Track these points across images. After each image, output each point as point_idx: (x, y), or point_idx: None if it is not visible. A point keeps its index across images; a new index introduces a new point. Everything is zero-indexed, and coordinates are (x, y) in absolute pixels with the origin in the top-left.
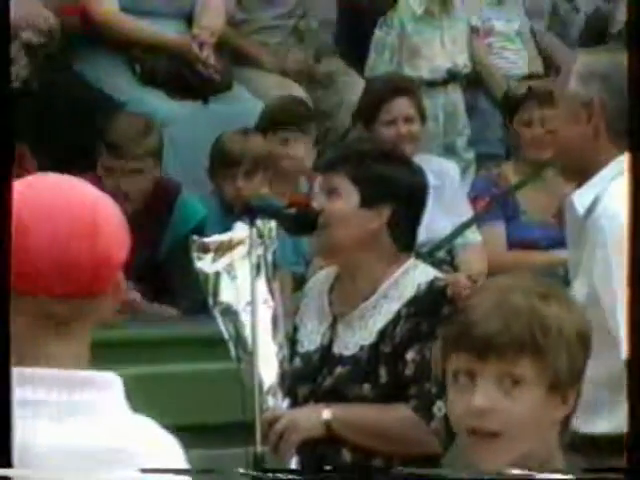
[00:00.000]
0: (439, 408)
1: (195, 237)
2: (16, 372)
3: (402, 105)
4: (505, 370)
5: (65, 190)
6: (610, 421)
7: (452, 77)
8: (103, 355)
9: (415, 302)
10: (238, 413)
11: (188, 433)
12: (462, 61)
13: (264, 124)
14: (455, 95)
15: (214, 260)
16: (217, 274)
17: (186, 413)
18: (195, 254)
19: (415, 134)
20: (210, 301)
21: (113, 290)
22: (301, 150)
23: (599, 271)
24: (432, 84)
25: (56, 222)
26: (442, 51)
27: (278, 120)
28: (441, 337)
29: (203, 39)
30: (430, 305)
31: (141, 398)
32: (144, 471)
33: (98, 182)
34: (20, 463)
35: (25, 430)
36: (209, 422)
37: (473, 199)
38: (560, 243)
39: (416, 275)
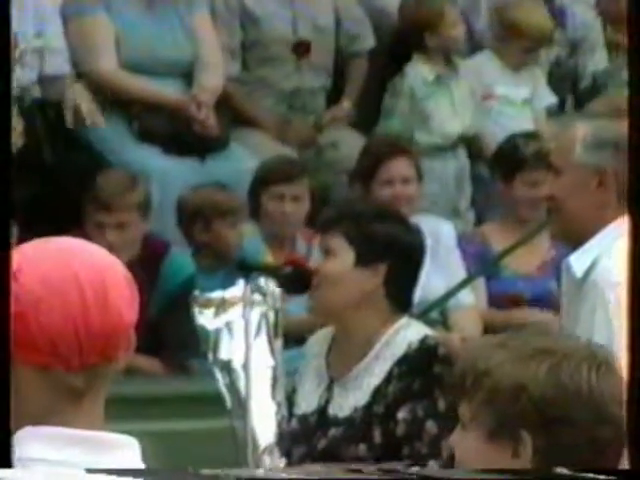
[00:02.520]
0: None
1: (197, 292)
2: (43, 431)
3: (400, 166)
4: None
5: (71, 257)
6: None
7: (462, 141)
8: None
9: (406, 361)
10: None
11: None
12: (469, 122)
13: (259, 181)
14: (464, 159)
15: (215, 316)
16: (217, 330)
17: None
18: (197, 309)
19: (412, 195)
20: (209, 357)
21: (125, 349)
22: (296, 207)
23: (601, 335)
24: (443, 149)
25: (66, 294)
26: (453, 115)
27: (272, 176)
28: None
29: (202, 100)
30: (421, 363)
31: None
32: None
33: (87, 239)
34: None
35: None
36: None
37: None
38: (545, 295)
39: (408, 334)
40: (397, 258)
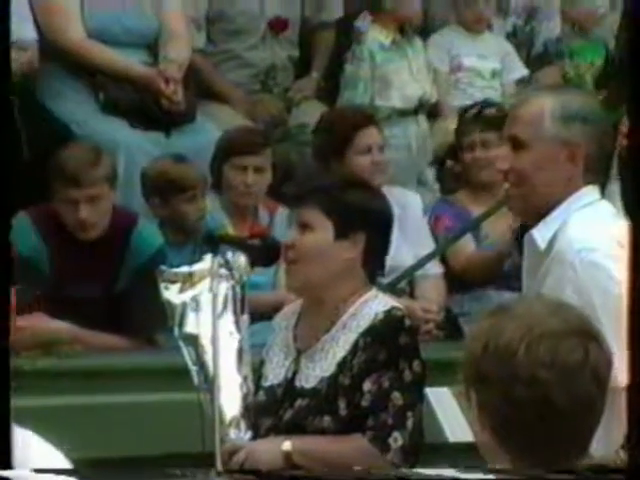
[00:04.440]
0: (395, 439)
1: (163, 267)
2: None
3: (375, 133)
4: None
5: None
6: None
7: (421, 106)
8: (60, 384)
9: (372, 332)
10: (197, 444)
11: (146, 463)
12: (429, 90)
13: (221, 152)
14: (424, 125)
15: (181, 291)
16: (184, 305)
17: (145, 444)
18: (162, 284)
19: (387, 163)
20: (176, 331)
21: None
22: (259, 178)
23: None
24: (404, 113)
25: None
26: (411, 79)
27: (235, 147)
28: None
29: (169, 74)
30: (387, 335)
31: (99, 428)
32: None
33: (54, 213)
34: None
35: None
36: (168, 453)
37: (435, 221)
38: None
39: (374, 305)
40: (372, 227)
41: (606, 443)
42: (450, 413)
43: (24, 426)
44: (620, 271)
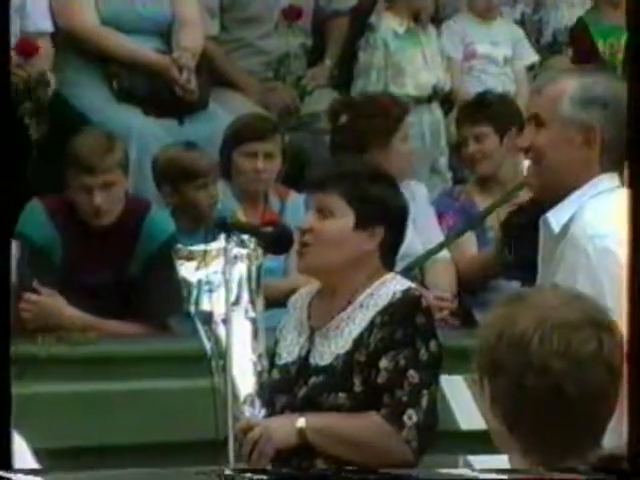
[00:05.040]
0: (409, 417)
1: (179, 245)
2: None
3: (410, 124)
4: None
5: None
6: None
7: (435, 94)
8: (74, 371)
9: (389, 310)
10: (211, 431)
11: (159, 451)
12: (443, 78)
13: (230, 139)
14: (438, 112)
15: (197, 269)
16: (199, 282)
17: (158, 431)
18: (178, 262)
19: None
20: (191, 309)
21: None
22: (269, 164)
23: (585, 290)
24: (418, 101)
25: None
26: (425, 67)
27: (245, 134)
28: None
29: (183, 62)
30: (404, 313)
31: (113, 414)
32: None
33: (67, 201)
34: None
35: None
36: (181, 440)
37: (439, 215)
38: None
39: (392, 285)
40: (391, 221)
41: (619, 433)
42: (463, 401)
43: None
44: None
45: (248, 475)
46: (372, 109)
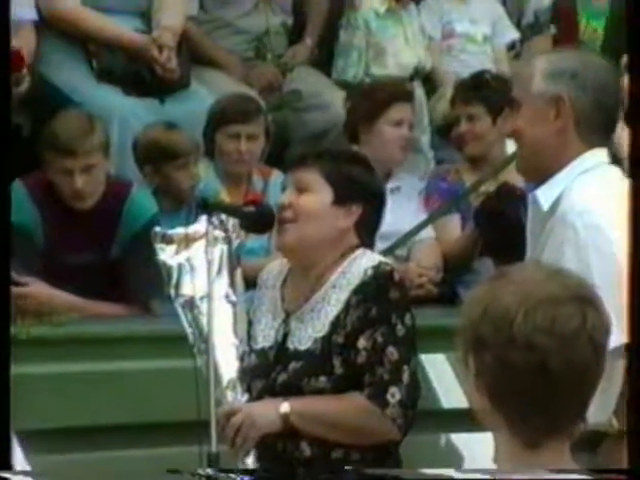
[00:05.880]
0: (392, 394)
1: (158, 229)
2: None
3: (409, 110)
4: None
5: None
6: None
7: (417, 73)
8: (56, 352)
9: (363, 288)
10: (193, 413)
11: (141, 431)
12: (424, 57)
13: (213, 120)
14: (419, 91)
15: (176, 252)
16: (179, 266)
17: (139, 411)
18: (157, 245)
19: (412, 142)
20: (172, 293)
21: None
22: (252, 146)
23: (572, 267)
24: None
25: None
26: (406, 47)
27: (228, 116)
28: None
29: (163, 41)
30: (378, 290)
31: (94, 396)
32: None
33: (49, 182)
34: None
35: None
36: (163, 420)
37: (426, 197)
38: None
39: (362, 262)
40: (368, 202)
41: (601, 407)
42: (445, 379)
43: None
44: (620, 235)
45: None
46: (358, 94)
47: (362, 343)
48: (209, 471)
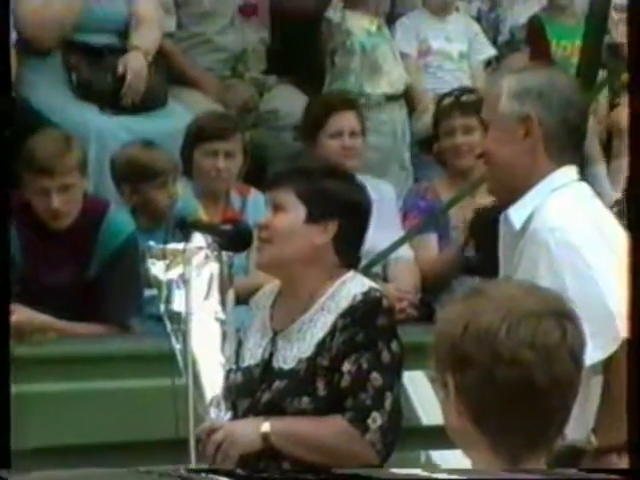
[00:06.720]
0: (374, 419)
1: (152, 243)
2: None
3: (349, 118)
4: None
5: None
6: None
7: (405, 92)
8: (34, 371)
9: (350, 313)
10: (172, 431)
11: (120, 451)
12: (405, 75)
13: (191, 138)
14: (404, 110)
15: (168, 268)
16: (170, 282)
17: (118, 431)
18: (149, 260)
19: (359, 148)
20: (162, 308)
21: None
22: (230, 163)
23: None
24: (391, 99)
25: None
26: (396, 64)
27: (206, 133)
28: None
29: (130, 62)
30: (365, 315)
31: (72, 415)
32: None
33: (25, 202)
34: None
35: None
36: (141, 440)
37: (403, 214)
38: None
39: (352, 286)
40: (346, 216)
41: (579, 424)
42: (424, 396)
43: None
44: (593, 252)
45: (210, 476)
46: (306, 106)
47: (347, 367)
48: (181, 471)
